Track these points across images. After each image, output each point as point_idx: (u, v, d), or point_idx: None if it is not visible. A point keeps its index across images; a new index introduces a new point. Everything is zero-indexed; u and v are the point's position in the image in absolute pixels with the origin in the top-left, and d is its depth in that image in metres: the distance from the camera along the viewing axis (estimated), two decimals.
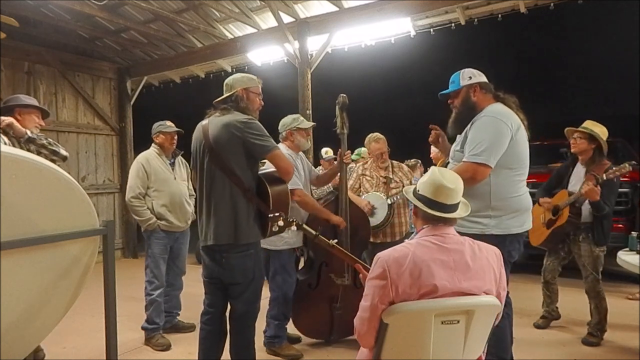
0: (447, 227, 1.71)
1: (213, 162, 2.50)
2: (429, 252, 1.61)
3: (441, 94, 2.76)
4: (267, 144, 2.52)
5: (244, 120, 2.50)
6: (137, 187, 3.72)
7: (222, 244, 2.50)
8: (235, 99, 2.62)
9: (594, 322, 3.55)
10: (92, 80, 7.71)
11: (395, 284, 1.56)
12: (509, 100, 2.63)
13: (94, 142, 7.62)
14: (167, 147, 3.87)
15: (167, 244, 3.80)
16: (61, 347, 3.69)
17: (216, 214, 2.51)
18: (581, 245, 3.55)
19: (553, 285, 3.87)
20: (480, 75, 2.65)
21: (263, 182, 2.57)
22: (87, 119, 7.55)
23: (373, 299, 1.60)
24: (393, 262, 1.58)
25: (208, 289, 2.75)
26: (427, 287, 1.55)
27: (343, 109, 3.29)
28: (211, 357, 2.66)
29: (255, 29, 6.34)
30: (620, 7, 16.76)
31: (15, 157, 1.66)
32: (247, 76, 2.73)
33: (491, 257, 1.71)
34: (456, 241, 1.67)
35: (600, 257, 3.50)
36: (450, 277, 1.58)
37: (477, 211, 2.49)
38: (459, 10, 5.63)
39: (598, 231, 3.47)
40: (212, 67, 8.02)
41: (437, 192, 1.70)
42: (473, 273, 1.62)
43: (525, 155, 2.56)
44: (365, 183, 4.08)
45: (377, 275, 1.60)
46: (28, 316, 1.78)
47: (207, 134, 2.54)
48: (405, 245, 1.65)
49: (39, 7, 6.07)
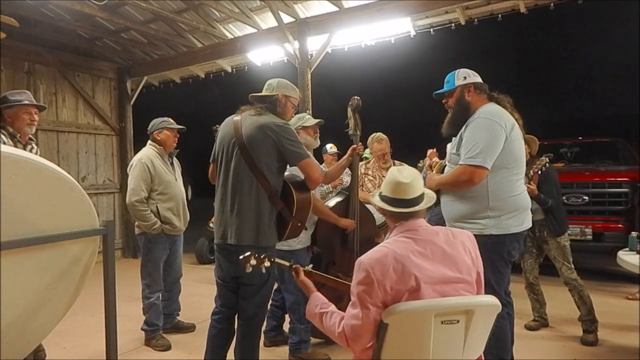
0: (417, 220, 1.75)
1: (243, 160, 2.47)
2: (406, 246, 1.65)
3: (436, 93, 2.77)
4: (302, 152, 2.51)
5: (281, 124, 2.49)
6: (142, 190, 3.55)
7: (243, 245, 2.45)
8: (274, 101, 2.61)
9: (584, 315, 3.58)
10: (92, 80, 7.71)
11: (382, 284, 1.58)
12: (503, 100, 2.64)
13: (94, 142, 7.62)
14: (170, 144, 3.76)
15: (167, 247, 3.74)
16: (61, 347, 3.69)
17: (240, 213, 2.49)
18: (547, 240, 3.69)
19: (537, 287, 3.91)
20: (475, 76, 2.66)
21: (289, 188, 2.56)
22: (87, 119, 7.55)
23: (363, 304, 1.60)
24: (376, 263, 1.61)
25: (221, 290, 2.70)
26: (412, 281, 1.58)
27: (356, 111, 3.28)
28: (219, 356, 2.66)
29: (255, 29, 6.34)
30: (620, 7, 16.76)
31: (15, 157, 1.66)
32: (292, 85, 2.73)
33: (466, 240, 1.76)
34: (429, 232, 1.72)
35: (567, 247, 3.66)
36: (430, 266, 1.62)
37: (476, 212, 2.49)
38: (459, 10, 5.63)
39: (552, 223, 3.63)
40: (212, 67, 8.02)
41: (396, 190, 1.77)
42: (450, 258, 1.67)
43: (520, 154, 2.56)
44: (367, 183, 4.09)
45: (362, 279, 1.61)
46: (28, 316, 1.78)
47: (239, 130, 2.51)
48: (383, 246, 1.68)
49: (39, 7, 6.07)
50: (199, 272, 6.28)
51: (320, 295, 1.93)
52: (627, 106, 16.07)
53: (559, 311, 4.17)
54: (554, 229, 3.63)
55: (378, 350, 1.60)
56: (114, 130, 7.90)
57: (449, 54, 14.99)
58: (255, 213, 2.47)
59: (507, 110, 2.59)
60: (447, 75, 2.72)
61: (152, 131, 3.78)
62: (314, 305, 1.88)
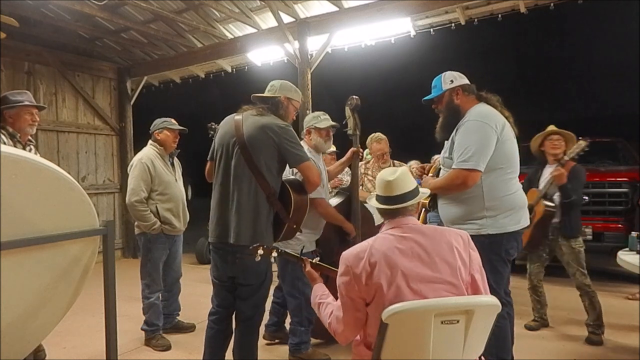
0: (404, 218, 1.79)
1: (243, 160, 2.47)
2: (386, 242, 1.69)
3: (424, 99, 2.77)
4: (302, 154, 2.52)
5: (283, 125, 2.50)
6: (142, 190, 3.54)
7: (241, 245, 2.45)
8: (276, 102, 2.62)
9: (592, 320, 3.56)
10: (92, 80, 7.71)
11: (359, 277, 1.65)
12: (492, 100, 2.64)
13: (94, 142, 7.62)
14: (170, 145, 3.75)
15: (167, 248, 3.74)
16: (61, 347, 3.69)
17: (238, 213, 2.49)
18: (560, 244, 3.63)
19: (540, 289, 3.90)
20: (461, 78, 2.66)
21: (287, 189, 2.56)
22: (87, 119, 7.55)
23: (343, 296, 1.70)
24: (353, 258, 1.68)
25: (217, 290, 2.70)
26: (386, 276, 1.61)
27: (355, 111, 3.24)
28: (217, 357, 2.66)
29: (255, 29, 6.34)
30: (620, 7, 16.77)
31: (15, 157, 1.66)
32: (295, 88, 2.73)
33: (455, 241, 1.73)
34: (414, 229, 1.74)
35: (582, 252, 3.60)
36: (408, 263, 1.64)
37: (472, 213, 2.50)
38: (459, 10, 5.63)
39: (566, 223, 3.57)
40: (212, 67, 8.02)
41: (384, 188, 1.83)
42: (431, 258, 1.67)
43: (513, 152, 2.55)
44: (367, 183, 4.09)
45: (342, 272, 1.71)
46: (28, 316, 1.78)
47: (240, 130, 2.50)
48: (366, 241, 1.74)
49: (39, 7, 6.06)
50: (199, 272, 6.28)
51: (323, 286, 2.04)
52: (627, 106, 16.08)
53: (559, 312, 4.17)
54: (566, 230, 3.57)
55: (378, 350, 1.60)
56: (114, 130, 7.90)
57: (449, 54, 15.00)
58: (254, 213, 2.47)
59: (497, 109, 2.59)
60: (434, 80, 2.72)
61: (153, 131, 3.78)
62: (315, 296, 1.99)
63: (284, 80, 2.73)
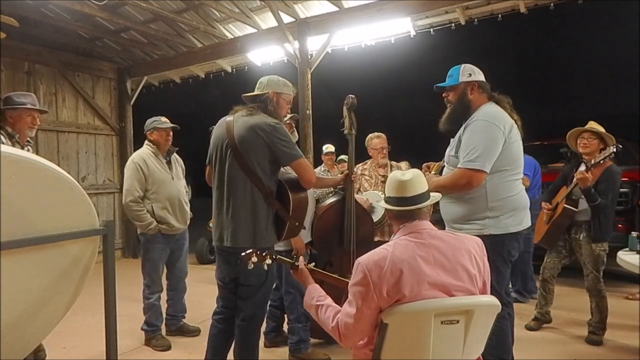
0: (422, 223, 1.71)
1: (236, 162, 2.46)
2: (407, 250, 1.61)
3: (437, 86, 2.72)
4: (294, 152, 2.48)
5: (272, 123, 2.45)
6: (136, 190, 3.54)
7: (240, 247, 2.42)
8: (264, 99, 2.57)
9: (595, 321, 3.55)
10: (92, 80, 7.71)
11: (379, 287, 1.56)
12: (503, 101, 2.62)
13: (94, 142, 7.62)
14: (162, 144, 3.73)
15: (167, 248, 3.72)
16: (61, 347, 3.69)
17: (235, 216, 2.47)
18: (582, 244, 3.57)
19: (550, 285, 3.83)
20: (479, 74, 2.64)
21: (284, 187, 2.54)
22: (87, 119, 7.55)
23: (358, 305, 1.59)
24: (373, 266, 1.57)
25: (222, 291, 2.71)
26: (410, 286, 1.55)
27: (351, 110, 3.23)
28: (219, 357, 2.66)
29: (255, 29, 6.34)
30: (620, 7, 16.77)
31: (15, 157, 1.66)
32: (284, 81, 2.67)
33: (473, 248, 1.70)
34: (433, 236, 1.68)
35: (602, 256, 3.51)
36: (432, 272, 1.58)
37: (475, 213, 2.49)
38: (459, 10, 5.63)
39: (595, 226, 3.48)
40: (212, 67, 8.02)
41: (397, 189, 1.74)
42: (453, 266, 1.62)
43: (518, 154, 2.55)
44: (364, 183, 4.09)
45: (359, 281, 1.59)
46: (28, 316, 1.78)
47: (231, 132, 2.49)
48: (383, 247, 1.65)
49: (39, 7, 6.06)
50: (199, 272, 6.28)
51: (318, 287, 1.93)
52: (627, 106, 16.08)
53: (560, 312, 4.16)
54: (594, 233, 3.47)
55: (378, 350, 1.60)
56: (114, 130, 7.90)
57: (449, 54, 14.98)
58: (251, 214, 2.46)
59: (507, 111, 2.57)
60: (451, 69, 2.67)
61: (146, 131, 3.79)
62: (310, 297, 1.88)
63: (273, 75, 2.68)
